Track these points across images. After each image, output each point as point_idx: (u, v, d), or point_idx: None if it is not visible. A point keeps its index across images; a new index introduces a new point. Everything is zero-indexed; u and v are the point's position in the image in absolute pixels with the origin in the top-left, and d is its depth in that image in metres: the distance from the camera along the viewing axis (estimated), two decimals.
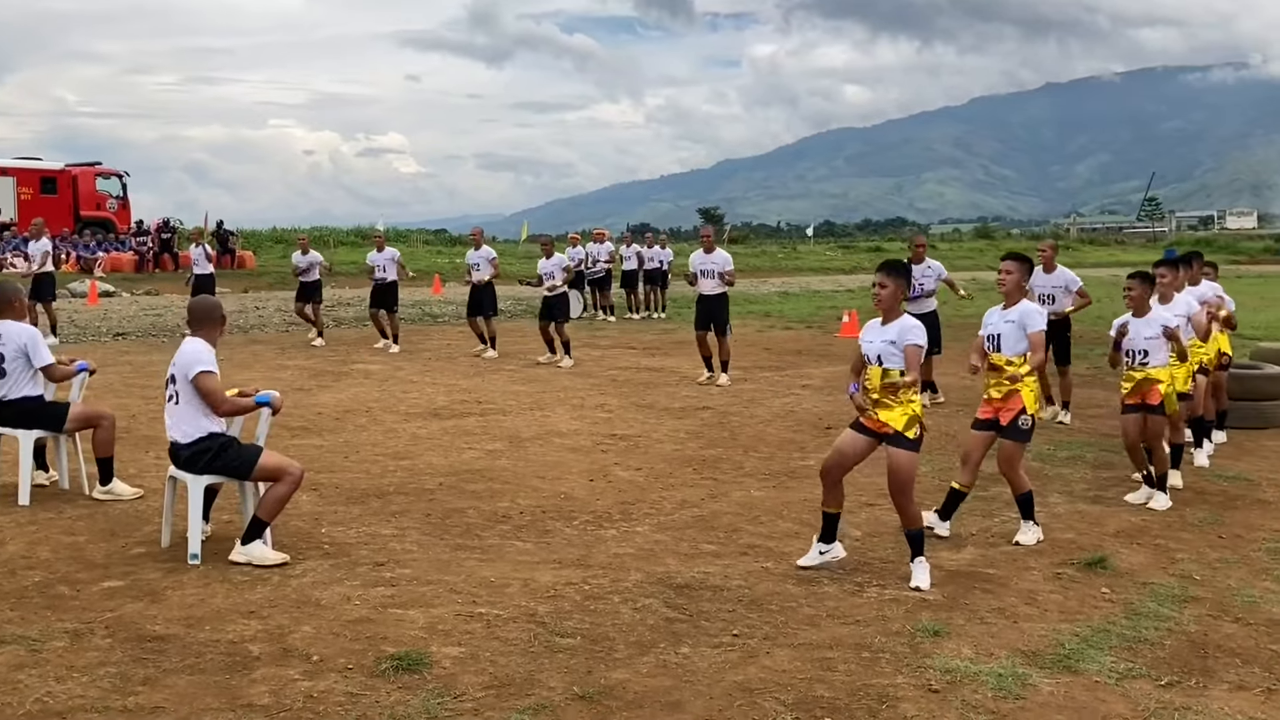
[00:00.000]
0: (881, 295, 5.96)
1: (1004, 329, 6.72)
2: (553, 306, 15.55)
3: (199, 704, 4.34)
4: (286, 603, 5.50)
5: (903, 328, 5.86)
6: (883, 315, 6.01)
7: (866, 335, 6.07)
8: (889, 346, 5.86)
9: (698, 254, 13.70)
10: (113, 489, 7.42)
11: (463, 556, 6.35)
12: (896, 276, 5.96)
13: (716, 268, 13.43)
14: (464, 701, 4.44)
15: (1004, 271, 6.89)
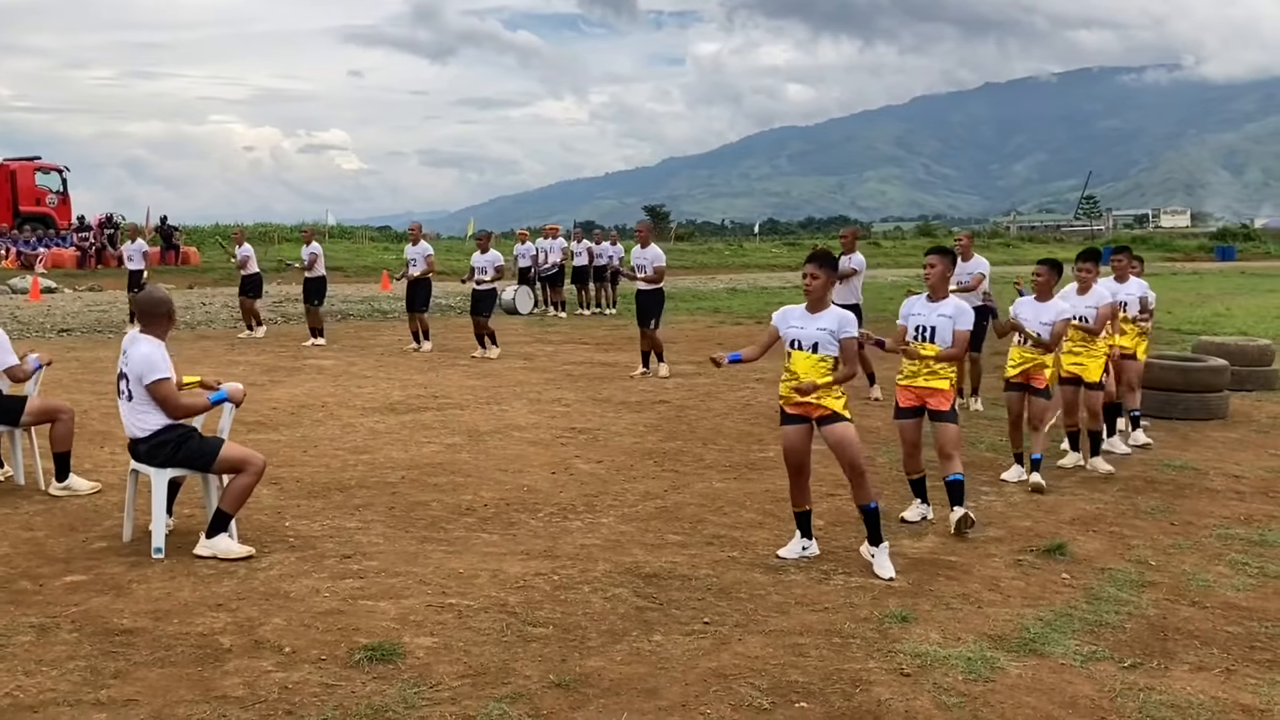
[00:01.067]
0: (813, 286, 6.04)
1: (938, 322, 6.82)
2: (480, 300, 15.60)
3: (172, 696, 4.31)
4: (255, 595, 5.46)
5: (840, 318, 5.96)
6: (810, 304, 6.09)
7: (791, 320, 6.12)
8: (827, 335, 5.95)
9: (636, 249, 13.90)
10: (70, 484, 7.31)
11: (429, 549, 6.33)
12: (827, 267, 6.05)
13: (649, 262, 13.59)
14: (440, 691, 4.44)
15: (929, 265, 7.02)
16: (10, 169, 37.09)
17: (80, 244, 32.33)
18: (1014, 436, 8.27)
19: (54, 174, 38.14)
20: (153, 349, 5.99)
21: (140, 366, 5.92)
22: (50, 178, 37.86)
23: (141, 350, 5.98)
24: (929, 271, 7.00)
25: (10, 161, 37.56)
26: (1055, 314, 7.95)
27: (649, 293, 13.50)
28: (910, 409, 6.96)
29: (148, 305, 6.25)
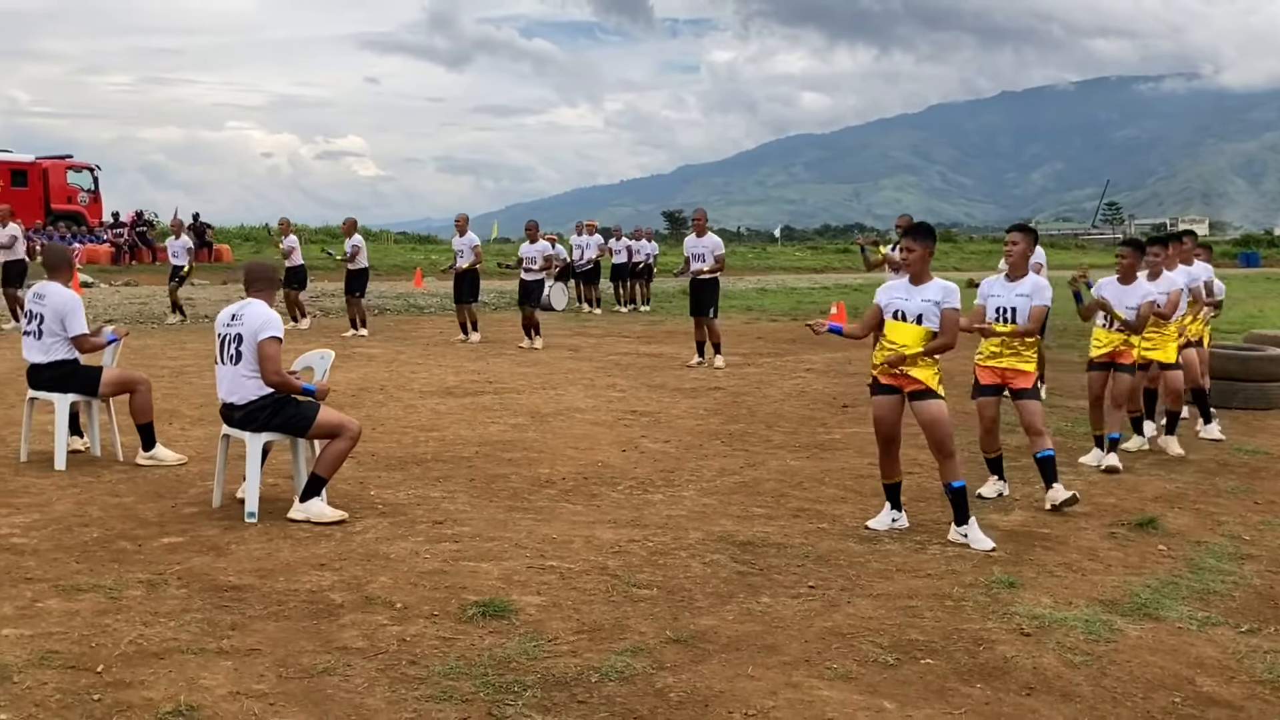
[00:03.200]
0: (910, 259, 6.00)
1: (1017, 302, 6.73)
2: (529, 291, 15.57)
3: (294, 646, 4.29)
4: (355, 556, 5.44)
5: (945, 289, 5.91)
6: (912, 277, 6.04)
7: (895, 293, 6.07)
8: (931, 306, 5.89)
9: (690, 238, 13.75)
10: (156, 454, 7.32)
11: (517, 517, 6.31)
12: (924, 239, 6.01)
13: (708, 251, 13.48)
14: (559, 645, 4.41)
15: (1011, 243, 6.91)
16: (42, 167, 37.21)
17: (115, 240, 32.45)
18: (1094, 416, 8.18)
19: (85, 172, 38.24)
20: (271, 311, 6.02)
21: (257, 322, 5.93)
22: (81, 176, 37.96)
23: (258, 309, 6.00)
24: (1010, 249, 6.93)
25: (43, 160, 37.70)
26: (1141, 296, 7.84)
27: (706, 282, 13.37)
28: (990, 387, 6.90)
29: (259, 271, 6.27)
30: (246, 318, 6.02)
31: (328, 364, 6.63)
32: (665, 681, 4.08)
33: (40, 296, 7.19)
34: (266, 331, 5.96)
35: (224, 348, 6.07)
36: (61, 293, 7.15)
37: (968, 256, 57.97)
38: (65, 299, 7.12)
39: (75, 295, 7.20)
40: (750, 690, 4.02)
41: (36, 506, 6.21)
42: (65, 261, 7.46)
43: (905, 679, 4.16)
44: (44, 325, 7.13)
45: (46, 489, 6.61)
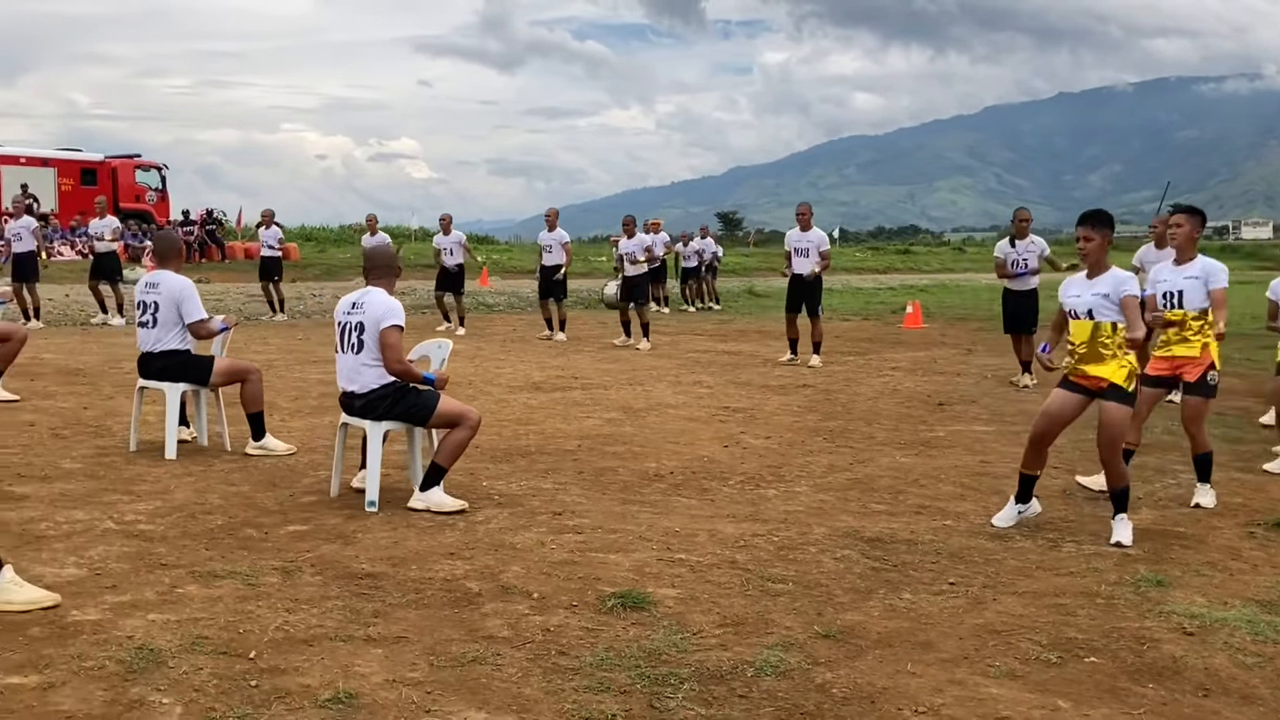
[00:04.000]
0: (1088, 248, 5.77)
1: (1185, 285, 6.53)
2: (634, 288, 15.39)
3: (440, 634, 4.22)
4: (482, 546, 5.37)
5: (1116, 279, 5.68)
6: (1089, 269, 5.83)
7: (1070, 290, 5.88)
8: (1102, 300, 5.68)
9: (793, 232, 13.48)
10: (266, 444, 7.31)
11: (634, 509, 6.22)
12: (1102, 227, 5.78)
13: (813, 246, 13.23)
14: (706, 638, 4.30)
15: (1176, 225, 6.68)
16: (112, 166, 37.80)
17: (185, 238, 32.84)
18: None
19: (153, 171, 38.79)
20: (393, 300, 5.97)
21: (379, 310, 5.89)
22: (150, 175, 38.51)
23: (379, 297, 5.96)
24: (1175, 232, 6.68)
25: (112, 159, 38.30)
26: None
27: (810, 279, 13.15)
28: (1156, 379, 6.64)
29: (381, 258, 6.25)
30: (368, 306, 5.97)
31: (445, 353, 6.58)
32: (824, 677, 3.96)
33: (153, 285, 7.21)
34: (388, 320, 5.91)
35: (345, 336, 6.03)
36: (176, 280, 7.16)
37: None
38: (180, 286, 7.13)
39: (189, 281, 7.20)
40: (915, 687, 3.89)
41: (157, 494, 6.20)
42: (176, 249, 7.48)
43: (1073, 677, 4.01)
44: (158, 314, 7.14)
45: (162, 478, 6.61)
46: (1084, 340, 5.71)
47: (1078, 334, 5.75)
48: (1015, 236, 11.71)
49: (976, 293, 31.47)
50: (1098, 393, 5.72)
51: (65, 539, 5.24)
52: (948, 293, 31.76)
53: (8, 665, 3.72)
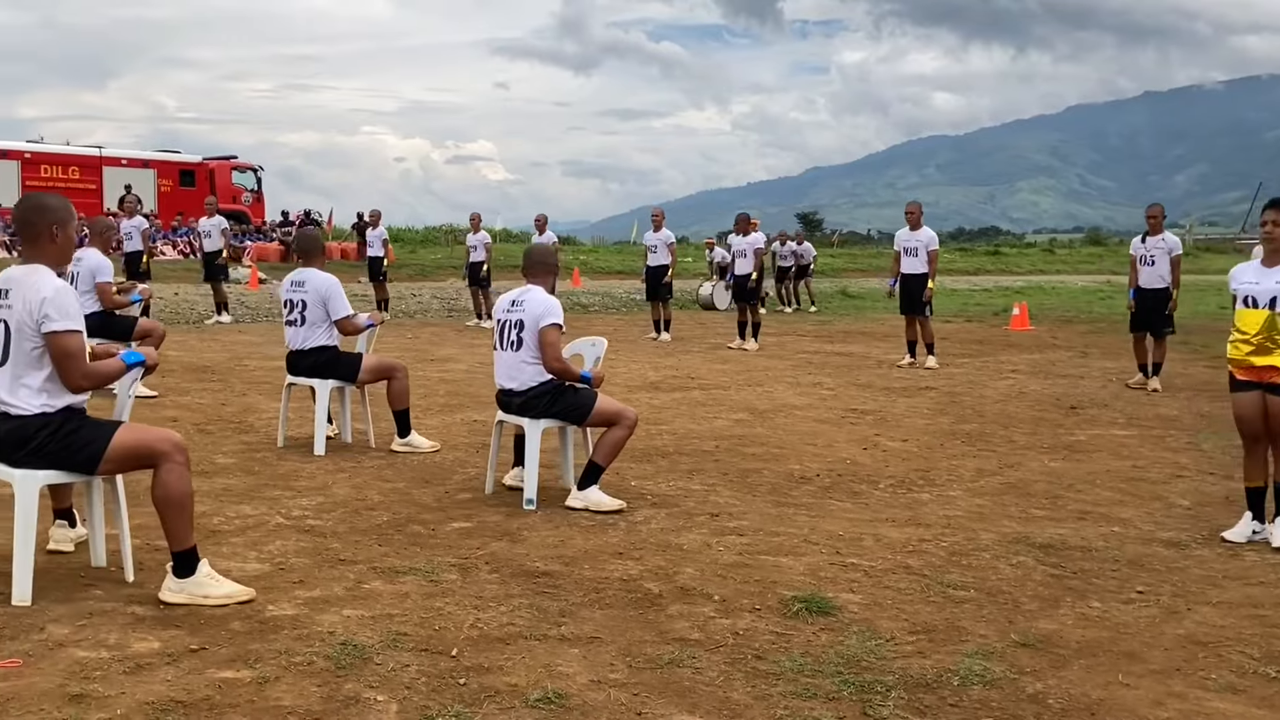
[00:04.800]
0: (1275, 233, 5.53)
1: None
2: (744, 289, 15.28)
3: (632, 636, 4.16)
4: (649, 546, 5.32)
5: None
6: (1267, 256, 5.60)
7: (1245, 277, 5.64)
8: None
9: (903, 231, 13.27)
10: (411, 441, 7.34)
11: (790, 512, 6.12)
12: None
13: (922, 245, 13.00)
14: (900, 645, 4.20)
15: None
16: (209, 168, 38.58)
17: (284, 239, 33.40)
18: None
19: (249, 173, 39.52)
20: (552, 299, 5.96)
21: (539, 309, 5.88)
22: (245, 176, 39.23)
23: (538, 296, 5.95)
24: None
25: (209, 160, 39.10)
26: None
27: (920, 279, 12.94)
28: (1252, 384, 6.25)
29: (540, 255, 6.23)
30: (527, 304, 5.96)
31: (600, 351, 6.55)
32: (1035, 687, 3.83)
33: (299, 284, 7.27)
34: (548, 318, 5.89)
35: (504, 334, 6.02)
36: (322, 277, 7.22)
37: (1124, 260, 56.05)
38: (327, 283, 7.18)
39: (335, 279, 7.25)
40: (1133, 699, 3.75)
41: (316, 490, 6.25)
42: (319, 247, 7.54)
43: None
44: (306, 312, 7.20)
45: (317, 474, 6.66)
46: (1258, 330, 5.46)
47: (1250, 323, 5.49)
48: (1147, 233, 11.42)
49: (1074, 295, 30.92)
50: (1270, 387, 5.47)
51: (240, 534, 5.28)
52: (1045, 294, 31.19)
53: (219, 659, 3.73)
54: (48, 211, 4.20)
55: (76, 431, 4.14)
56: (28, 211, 4.22)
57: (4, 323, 4.10)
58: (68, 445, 4.12)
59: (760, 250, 15.53)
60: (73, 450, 4.13)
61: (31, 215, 4.19)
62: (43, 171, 35.22)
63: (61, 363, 4.06)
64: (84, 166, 36.39)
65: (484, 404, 9.68)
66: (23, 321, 4.04)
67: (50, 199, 4.30)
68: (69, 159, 36.36)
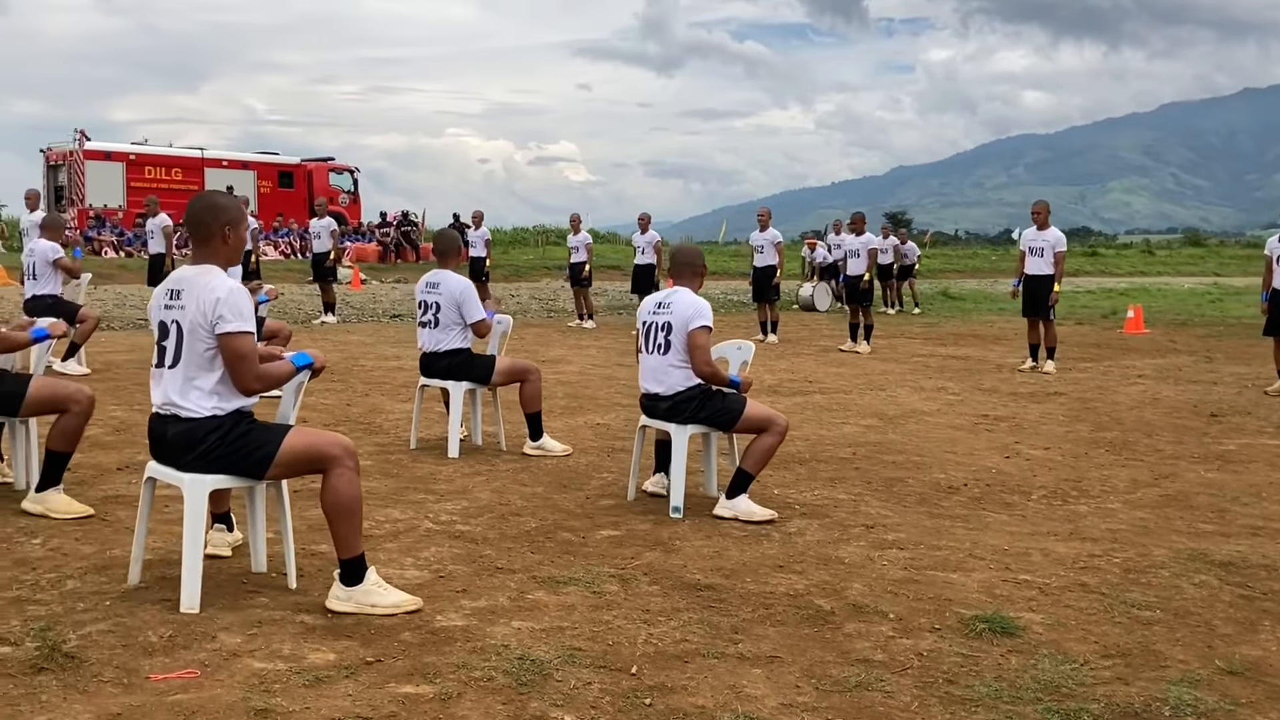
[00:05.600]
0: None
1: None
2: (857, 289, 15.00)
3: (812, 655, 3.97)
4: (809, 560, 5.12)
5: None
6: None
7: None
8: None
9: (1029, 231, 12.89)
10: (543, 444, 7.24)
11: (945, 524, 5.88)
12: None
13: (1048, 246, 12.60)
14: (1098, 670, 3.95)
15: None
16: (307, 169, 39.20)
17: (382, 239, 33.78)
18: None
19: (346, 174, 40.06)
20: (701, 300, 5.80)
21: (688, 311, 5.72)
22: (343, 178, 39.77)
23: (687, 297, 5.79)
24: None
25: (308, 162, 39.70)
26: None
27: (1045, 281, 12.53)
28: None
29: (687, 256, 6.08)
30: (675, 306, 5.80)
31: (747, 355, 6.37)
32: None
33: (434, 285, 7.20)
34: (697, 321, 5.72)
35: (650, 336, 5.86)
36: (456, 280, 7.13)
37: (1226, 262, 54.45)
38: (460, 286, 7.10)
39: (469, 282, 7.17)
40: None
41: (457, 494, 6.16)
42: (455, 249, 7.46)
43: None
44: (439, 314, 7.13)
45: (455, 477, 6.57)
46: None
47: None
48: None
49: (1181, 297, 30.02)
50: None
51: (393, 539, 5.19)
52: (1151, 296, 30.29)
53: (396, 673, 3.62)
54: (220, 211, 4.14)
55: (247, 435, 4.07)
56: (200, 211, 4.15)
57: (176, 324, 4.04)
58: (238, 449, 4.05)
59: (874, 250, 15.20)
60: (243, 454, 4.06)
61: (204, 215, 4.13)
62: (146, 173, 36.05)
63: (234, 364, 3.99)
64: (186, 168, 37.15)
65: (603, 406, 9.57)
66: (196, 322, 3.98)
67: (222, 198, 4.24)
68: (172, 160, 37.15)
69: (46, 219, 11.89)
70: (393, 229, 34.14)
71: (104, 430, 7.66)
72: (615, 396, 10.17)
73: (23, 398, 5.27)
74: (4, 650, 3.64)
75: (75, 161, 34.84)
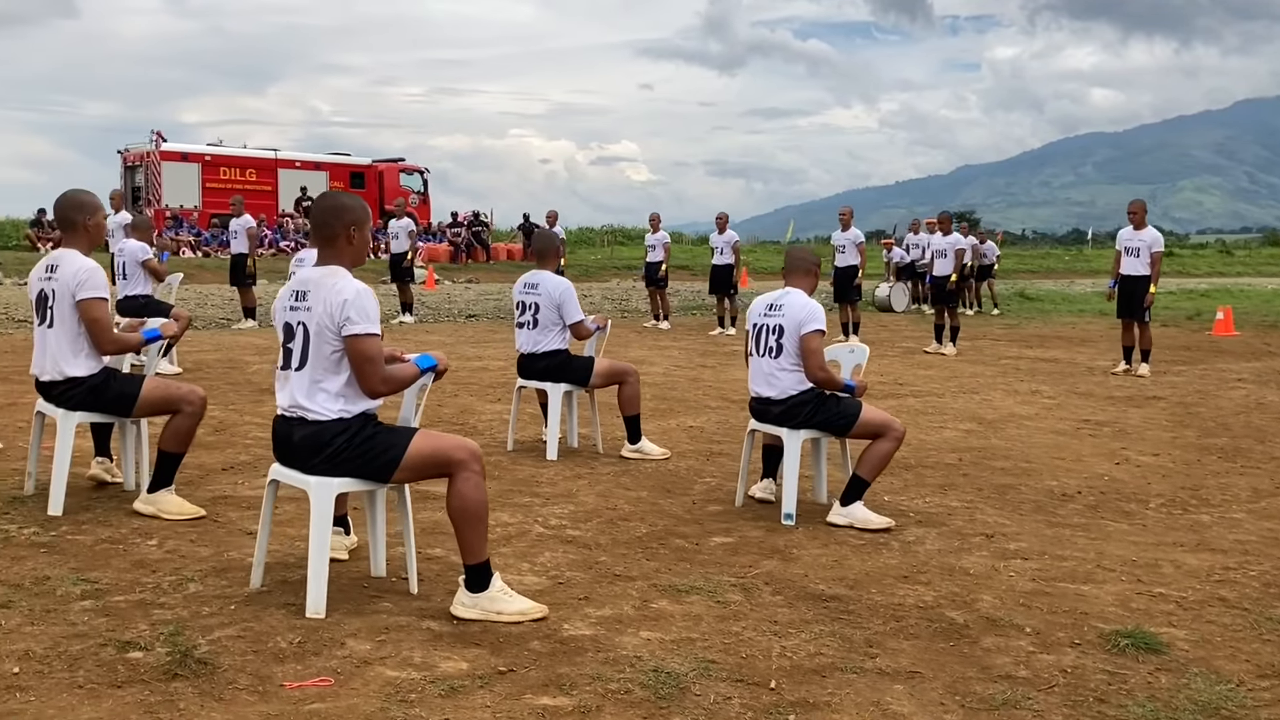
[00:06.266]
0: None
1: None
2: (943, 290, 14.74)
3: (953, 671, 3.82)
4: (932, 569, 4.97)
5: None
6: None
7: None
8: None
9: (1125, 230, 12.57)
10: (641, 447, 7.14)
11: (1065, 533, 5.69)
12: None
13: (1145, 246, 12.27)
14: (1255, 691, 3.75)
15: None
16: (378, 170, 39.52)
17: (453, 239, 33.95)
18: None
19: (416, 175, 40.33)
20: (812, 300, 5.67)
21: (801, 313, 5.59)
22: (413, 179, 40.03)
23: (799, 300, 5.66)
24: None
25: (379, 163, 40.04)
26: None
27: (1141, 282, 12.23)
28: None
29: (800, 256, 5.95)
30: (787, 308, 5.66)
31: (860, 358, 6.23)
32: None
33: (533, 286, 7.13)
34: (811, 324, 5.58)
35: (761, 339, 5.74)
36: (555, 281, 7.05)
37: None
38: (559, 287, 7.02)
39: (569, 283, 7.08)
40: None
41: (562, 497, 6.07)
42: (554, 249, 7.38)
43: None
44: (538, 315, 7.05)
45: (557, 480, 6.49)
46: None
47: None
48: None
49: (1266, 298, 29.25)
50: None
51: (506, 543, 5.12)
52: (1234, 298, 29.51)
53: (531, 683, 3.53)
54: (345, 212, 4.08)
55: (373, 438, 4.01)
56: (324, 213, 4.10)
57: (302, 325, 3.99)
58: (365, 452, 3.99)
59: (961, 250, 14.93)
60: (370, 457, 4.00)
61: (328, 216, 4.08)
62: (221, 174, 36.58)
63: (361, 367, 3.93)
64: (260, 169, 37.66)
65: (694, 409, 9.46)
66: (323, 324, 3.93)
67: (346, 199, 4.18)
68: (246, 161, 37.66)
69: (135, 220, 12.02)
70: (464, 229, 34.30)
71: (204, 431, 7.65)
72: (704, 399, 10.06)
73: (136, 399, 5.26)
74: (135, 655, 3.60)
75: (152, 162, 35.42)
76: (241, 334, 15.27)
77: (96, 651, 3.62)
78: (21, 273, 22.31)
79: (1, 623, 3.84)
